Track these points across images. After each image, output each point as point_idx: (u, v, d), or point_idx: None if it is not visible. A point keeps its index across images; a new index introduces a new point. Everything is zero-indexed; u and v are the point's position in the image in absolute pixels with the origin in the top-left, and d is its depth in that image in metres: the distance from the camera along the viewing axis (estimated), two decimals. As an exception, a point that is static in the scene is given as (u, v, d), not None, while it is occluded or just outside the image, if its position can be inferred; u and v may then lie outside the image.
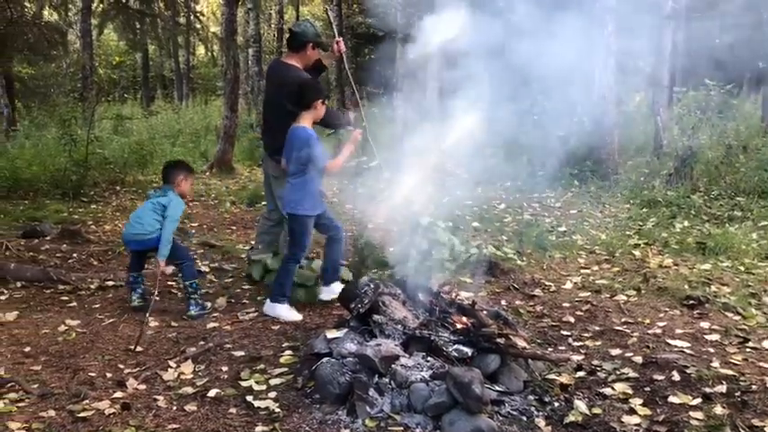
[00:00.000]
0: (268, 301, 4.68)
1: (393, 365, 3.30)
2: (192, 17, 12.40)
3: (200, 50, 27.73)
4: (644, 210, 8.09)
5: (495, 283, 5.33)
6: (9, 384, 3.47)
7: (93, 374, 3.66)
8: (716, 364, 3.68)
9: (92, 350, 4.03)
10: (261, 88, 18.96)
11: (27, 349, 4.01)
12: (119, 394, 3.40)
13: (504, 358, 3.43)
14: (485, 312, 3.73)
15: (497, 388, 3.28)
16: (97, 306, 4.88)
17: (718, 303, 4.72)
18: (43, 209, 8.31)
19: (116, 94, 24.05)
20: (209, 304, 4.82)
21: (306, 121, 4.57)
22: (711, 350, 3.92)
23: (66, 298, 5.05)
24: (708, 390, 3.35)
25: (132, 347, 4.03)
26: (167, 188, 4.76)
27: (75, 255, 6.23)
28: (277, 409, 3.24)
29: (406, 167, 4.67)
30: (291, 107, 4.95)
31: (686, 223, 7.30)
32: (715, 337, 4.13)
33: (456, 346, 3.46)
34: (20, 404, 3.29)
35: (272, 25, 24.87)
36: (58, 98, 16.77)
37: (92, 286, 5.29)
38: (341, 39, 5.34)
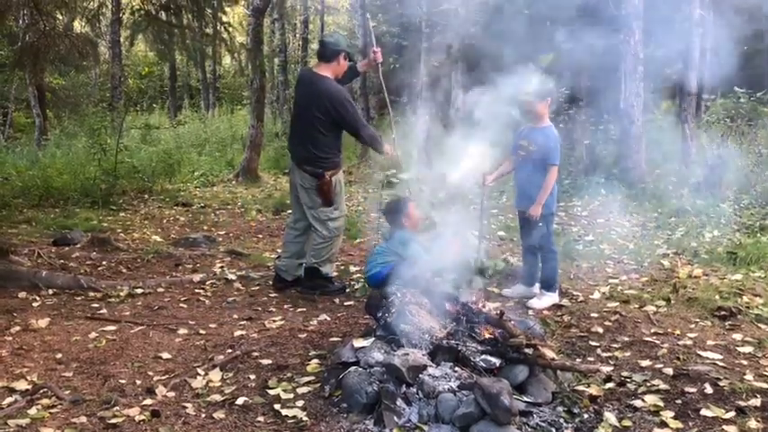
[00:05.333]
0: (536, 299, 4.96)
1: (420, 375, 3.29)
2: (219, 27, 12.54)
3: (226, 60, 28.03)
4: (672, 219, 7.99)
5: (522, 293, 5.28)
6: (42, 390, 3.52)
7: (123, 381, 3.70)
8: (749, 376, 3.61)
9: (121, 357, 4.07)
10: (286, 97, 19.13)
11: (59, 356, 4.08)
12: (148, 401, 3.44)
13: (533, 369, 3.40)
14: (512, 322, 3.70)
15: (526, 399, 3.25)
16: (127, 313, 4.94)
17: (750, 315, 4.64)
18: (73, 217, 8.45)
19: (144, 103, 24.38)
20: None
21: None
22: (744, 362, 3.85)
23: (96, 305, 5.12)
24: (742, 403, 3.29)
25: (161, 356, 4.07)
26: (393, 229, 4.72)
27: (104, 262, 6.32)
28: (305, 418, 3.25)
29: (432, 177, 4.68)
30: (323, 117, 5.01)
31: (716, 232, 7.18)
32: (748, 349, 4.05)
33: (483, 357, 3.44)
34: (52, 410, 3.34)
35: (298, 35, 25.06)
36: (88, 108, 17.07)
37: (121, 294, 5.37)
38: (379, 48, 5.36)
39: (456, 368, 3.39)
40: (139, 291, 5.47)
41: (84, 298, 5.29)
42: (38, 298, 5.24)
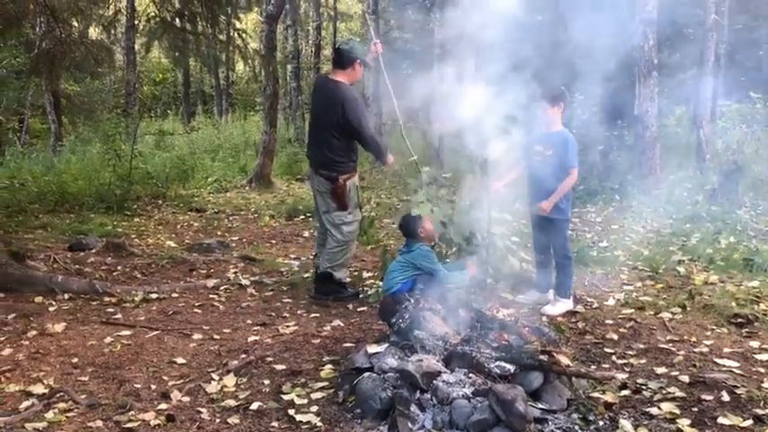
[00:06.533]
0: (550, 305, 4.95)
1: (434, 381, 3.29)
2: (232, 33, 12.64)
3: (240, 67, 28.20)
4: (687, 225, 7.93)
5: (536, 299, 5.26)
6: (58, 394, 3.55)
7: (138, 386, 3.72)
8: (767, 384, 3.58)
9: (137, 362, 4.09)
10: (299, 104, 19.20)
11: (75, 360, 4.10)
12: (163, 406, 3.45)
13: (548, 376, 3.38)
14: (527, 329, 3.69)
15: (541, 406, 3.23)
16: (141, 318, 4.97)
17: (767, 322, 4.60)
18: (88, 222, 8.52)
19: (158, 109, 24.57)
20: None
21: None
22: (762, 370, 3.81)
23: (111, 310, 5.15)
24: (759, 411, 3.25)
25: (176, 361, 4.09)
26: (409, 242, 4.70)
27: (119, 267, 6.36)
28: (319, 424, 3.25)
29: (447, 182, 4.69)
30: (339, 122, 5.06)
31: (732, 239, 7.12)
32: (765, 356, 4.01)
33: (498, 363, 3.43)
34: (69, 414, 3.37)
35: (310, 41, 25.17)
36: (103, 114, 17.21)
37: (136, 298, 5.40)
38: (378, 41, 5.46)
39: (470, 374, 3.37)
40: (154, 296, 5.50)
41: (100, 303, 5.33)
42: (54, 303, 5.28)
